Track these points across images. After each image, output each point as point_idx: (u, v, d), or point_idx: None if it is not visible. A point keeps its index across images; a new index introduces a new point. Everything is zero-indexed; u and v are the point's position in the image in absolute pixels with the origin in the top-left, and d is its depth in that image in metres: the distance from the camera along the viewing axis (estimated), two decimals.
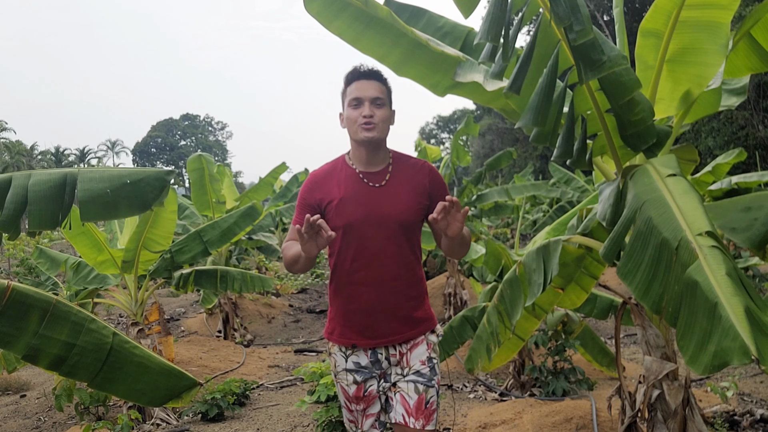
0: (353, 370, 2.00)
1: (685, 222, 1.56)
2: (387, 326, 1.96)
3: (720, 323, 1.30)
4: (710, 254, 1.43)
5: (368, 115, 1.91)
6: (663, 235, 1.56)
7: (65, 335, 2.36)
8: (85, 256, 4.41)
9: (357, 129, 1.94)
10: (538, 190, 8.74)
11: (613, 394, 2.73)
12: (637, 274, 1.59)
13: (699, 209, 1.59)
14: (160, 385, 2.54)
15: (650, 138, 2.00)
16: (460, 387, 4.91)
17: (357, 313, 1.97)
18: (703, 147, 15.28)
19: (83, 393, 4.00)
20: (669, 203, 1.66)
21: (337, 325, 2.03)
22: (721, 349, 1.28)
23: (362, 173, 1.99)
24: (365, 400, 2.01)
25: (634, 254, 1.63)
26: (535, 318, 3.01)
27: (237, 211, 5.29)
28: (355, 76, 1.96)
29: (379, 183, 1.99)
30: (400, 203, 1.97)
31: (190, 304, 9.86)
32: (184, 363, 5.45)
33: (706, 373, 1.31)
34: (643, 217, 1.67)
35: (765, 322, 1.31)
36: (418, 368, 1.99)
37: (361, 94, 1.93)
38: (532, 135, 2.11)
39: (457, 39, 2.61)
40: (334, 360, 2.05)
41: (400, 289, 1.97)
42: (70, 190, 2.25)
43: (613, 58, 1.74)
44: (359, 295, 1.96)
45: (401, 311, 1.98)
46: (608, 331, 6.89)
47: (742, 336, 1.24)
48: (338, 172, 2.02)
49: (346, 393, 2.03)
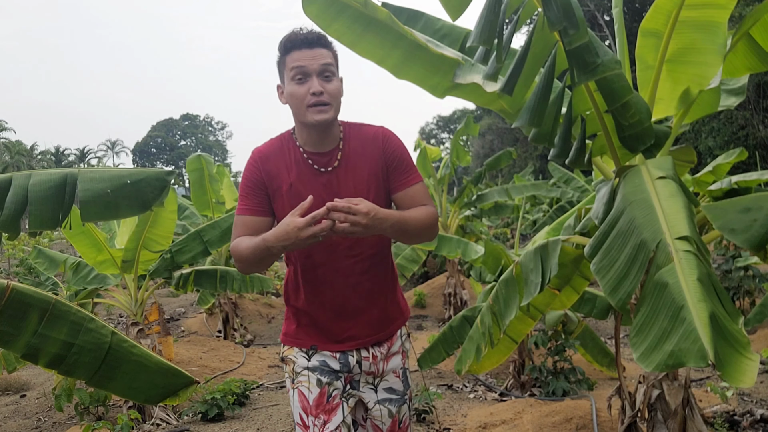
0: (317, 368, 1.72)
1: (666, 225, 1.57)
2: (356, 328, 1.73)
3: (682, 325, 1.32)
4: (685, 258, 1.45)
5: (318, 91, 1.58)
6: (643, 236, 1.58)
7: (64, 334, 2.37)
8: (85, 256, 4.41)
9: (305, 111, 1.60)
10: (538, 190, 8.75)
11: (613, 394, 2.74)
12: (610, 271, 1.61)
13: (682, 213, 1.61)
14: (157, 383, 2.55)
15: (648, 139, 2.00)
16: (460, 387, 4.91)
17: (320, 314, 1.72)
18: (704, 147, 15.28)
19: (83, 393, 4.01)
20: (654, 205, 1.68)
21: (295, 326, 1.77)
22: (678, 349, 1.29)
23: (308, 155, 1.69)
24: (326, 410, 1.68)
25: (611, 251, 1.65)
26: (530, 319, 3.01)
27: None
28: (296, 43, 1.61)
29: (330, 166, 1.68)
30: (355, 188, 1.67)
31: (190, 304, 9.87)
32: (184, 363, 5.45)
33: (657, 370, 1.33)
34: (627, 217, 1.69)
35: (730, 329, 1.33)
36: (392, 383, 1.80)
37: (306, 64, 1.59)
38: (531, 135, 2.12)
39: (455, 41, 2.61)
40: (293, 362, 1.75)
41: (367, 285, 1.73)
42: (70, 191, 2.26)
43: (606, 62, 1.75)
44: (320, 293, 1.71)
45: (372, 310, 1.74)
46: (608, 331, 6.90)
47: (702, 340, 1.25)
48: (287, 153, 1.70)
49: (304, 401, 1.70)
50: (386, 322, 1.80)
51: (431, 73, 2.31)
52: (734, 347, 1.30)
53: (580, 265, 2.71)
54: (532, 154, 26.17)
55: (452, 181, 8.21)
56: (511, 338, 3.20)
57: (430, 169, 8.07)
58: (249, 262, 1.61)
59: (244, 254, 1.61)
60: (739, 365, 1.26)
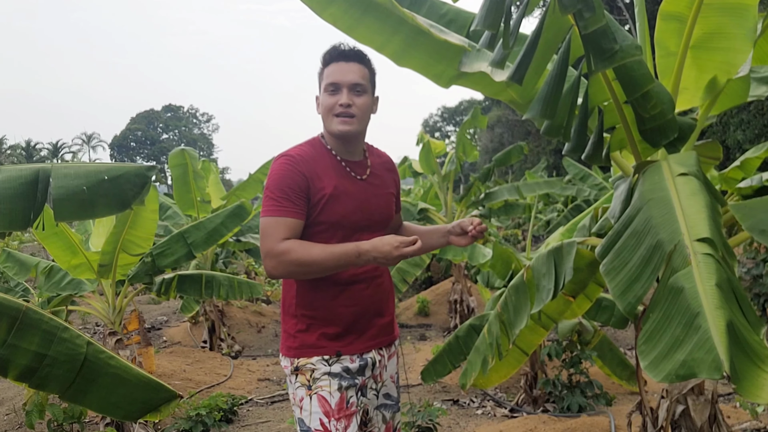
0: (338, 374, 1.87)
1: (685, 225, 1.58)
2: (379, 326, 1.96)
3: (696, 333, 1.32)
4: (704, 262, 1.46)
5: (345, 104, 1.84)
6: (659, 237, 1.59)
7: (36, 345, 2.37)
8: (58, 260, 4.42)
9: (332, 120, 1.86)
10: (551, 187, 8.75)
11: (633, 410, 2.74)
12: (621, 273, 1.62)
13: (703, 213, 1.62)
14: (137, 398, 2.56)
15: (671, 132, 2.01)
16: (466, 402, 4.92)
17: (345, 316, 1.89)
18: (732, 141, 15.28)
19: (56, 409, 4.01)
20: (673, 204, 1.69)
21: (314, 336, 1.88)
22: (691, 359, 1.30)
23: (345, 163, 1.93)
24: (346, 415, 1.85)
25: (624, 252, 1.67)
26: (542, 328, 3.01)
27: (224, 211, 5.29)
28: (334, 56, 1.87)
29: (363, 175, 1.96)
30: (382, 197, 1.98)
31: (172, 312, 9.88)
32: (166, 376, 5.46)
33: (666, 381, 1.33)
34: (643, 216, 1.70)
35: (749, 340, 1.33)
36: (389, 389, 2.03)
37: (339, 79, 1.84)
38: (543, 127, 2.12)
39: (462, 26, 2.62)
40: (311, 370, 1.87)
41: (385, 286, 1.99)
42: (42, 188, 2.26)
43: (626, 48, 1.75)
44: (350, 295, 1.89)
45: (388, 309, 2.01)
46: (628, 342, 6.90)
47: (718, 350, 1.26)
48: (321, 159, 1.90)
49: (326, 405, 1.84)
50: (393, 322, 2.04)
51: (435, 61, 2.31)
52: (752, 359, 1.30)
53: (596, 269, 2.72)
54: (545, 148, 26.18)
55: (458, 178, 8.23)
56: (521, 349, 3.21)
57: (434, 164, 8.07)
58: (323, 266, 1.75)
59: (318, 258, 1.73)
60: (757, 379, 1.27)
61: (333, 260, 1.73)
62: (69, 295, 4.76)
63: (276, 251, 1.74)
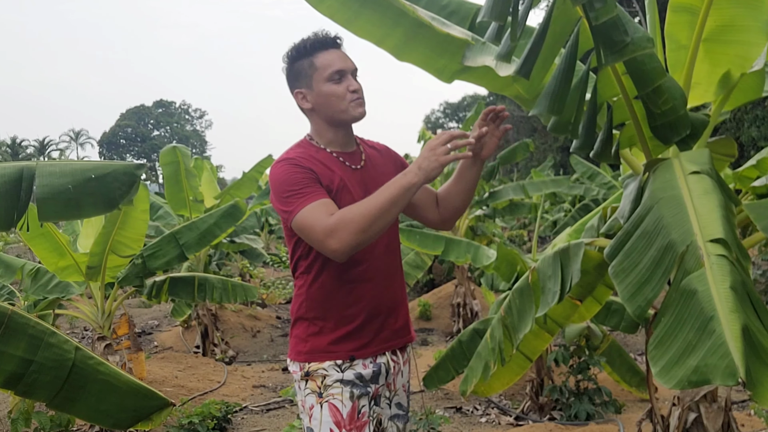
0: (351, 382, 1.87)
1: (698, 225, 1.58)
2: (393, 328, 1.96)
3: (710, 338, 1.32)
4: (717, 264, 1.45)
5: (356, 88, 1.90)
6: (671, 238, 1.58)
7: (22, 350, 2.37)
8: (45, 261, 4.41)
9: (347, 106, 1.89)
10: (558, 186, 8.76)
11: (643, 418, 2.74)
12: (630, 275, 1.61)
13: (717, 212, 1.61)
14: (128, 406, 2.56)
15: (683, 129, 2.00)
16: (470, 410, 4.92)
17: (359, 316, 1.89)
18: (746, 138, 15.28)
19: (43, 417, 4.00)
20: (685, 203, 1.68)
21: (326, 339, 1.89)
22: (704, 365, 1.29)
23: (340, 155, 1.95)
24: (357, 426, 1.85)
25: (633, 253, 1.66)
26: (547, 333, 3.00)
27: (217, 211, 5.29)
28: (326, 44, 1.91)
29: (358, 165, 1.98)
30: (384, 180, 1.90)
31: (164, 316, 9.87)
32: (158, 383, 5.46)
33: (678, 387, 1.33)
34: (653, 216, 1.70)
35: (765, 345, 1.33)
36: (400, 398, 2.04)
37: (344, 66, 1.89)
38: (550, 124, 2.12)
39: (464, 18, 2.61)
40: (322, 376, 1.87)
41: (397, 285, 1.99)
42: (26, 186, 2.26)
43: (637, 40, 1.74)
44: (362, 293, 1.89)
45: (402, 309, 2.00)
46: (638, 347, 6.90)
47: (733, 355, 1.25)
48: (318, 157, 1.92)
49: (338, 415, 1.84)
50: (408, 324, 2.05)
51: (437, 55, 2.31)
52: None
53: (605, 271, 2.71)
54: (552, 145, 26.20)
55: None
56: (525, 355, 3.20)
57: None
58: (381, 209, 1.70)
59: (372, 204, 1.71)
60: None
61: (385, 197, 1.71)
62: (56, 299, 4.76)
63: (331, 227, 1.70)
